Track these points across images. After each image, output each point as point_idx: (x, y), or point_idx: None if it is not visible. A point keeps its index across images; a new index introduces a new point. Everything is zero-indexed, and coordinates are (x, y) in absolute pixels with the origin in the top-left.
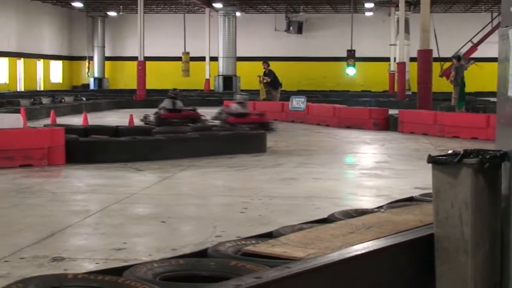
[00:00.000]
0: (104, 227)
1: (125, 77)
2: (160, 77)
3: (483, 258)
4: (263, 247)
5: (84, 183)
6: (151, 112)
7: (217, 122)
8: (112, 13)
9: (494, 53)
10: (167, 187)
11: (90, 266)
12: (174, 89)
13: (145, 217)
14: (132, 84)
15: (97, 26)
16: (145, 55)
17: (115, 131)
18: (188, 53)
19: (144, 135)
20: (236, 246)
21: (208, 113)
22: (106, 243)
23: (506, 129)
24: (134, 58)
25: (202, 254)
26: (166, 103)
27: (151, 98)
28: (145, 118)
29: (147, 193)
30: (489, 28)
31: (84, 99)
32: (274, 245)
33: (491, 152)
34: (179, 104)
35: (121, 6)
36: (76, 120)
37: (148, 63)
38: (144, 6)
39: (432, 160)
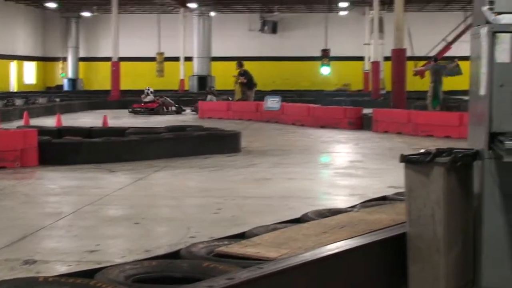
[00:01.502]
0: (77, 229)
1: (99, 78)
2: (135, 78)
3: (455, 256)
4: (236, 248)
5: (57, 185)
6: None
7: None
8: (86, 14)
9: (467, 52)
10: (141, 188)
11: (62, 269)
12: (211, 87)
13: (118, 219)
14: (107, 85)
15: (71, 26)
16: (120, 55)
17: (89, 132)
18: (162, 53)
19: (118, 136)
20: (209, 247)
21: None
22: (78, 245)
23: (478, 128)
24: (108, 59)
25: (175, 255)
26: (210, 98)
27: (126, 98)
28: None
29: (120, 194)
30: (462, 27)
31: (57, 100)
32: (247, 245)
33: (463, 150)
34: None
35: (95, 7)
36: (49, 122)
37: (122, 63)
38: (118, 7)
39: (404, 159)
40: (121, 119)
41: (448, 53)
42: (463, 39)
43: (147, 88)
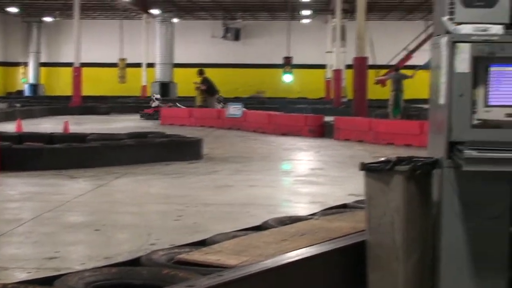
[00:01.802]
0: (37, 235)
1: (61, 83)
2: (97, 84)
3: (414, 264)
4: (196, 255)
5: (17, 191)
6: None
7: None
8: (48, 19)
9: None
10: (102, 195)
11: (21, 276)
12: (219, 96)
13: (78, 225)
14: (69, 91)
15: (33, 31)
16: (82, 61)
17: (50, 138)
18: (124, 59)
19: (80, 142)
20: (170, 254)
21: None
22: (38, 252)
23: (438, 137)
24: (70, 64)
25: (135, 262)
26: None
27: (87, 104)
28: None
29: (81, 200)
30: (423, 36)
31: (18, 105)
32: (207, 253)
33: (423, 159)
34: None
35: (57, 12)
36: (10, 127)
37: (84, 69)
38: (81, 12)
39: (364, 167)
40: (82, 125)
41: (409, 62)
42: (424, 48)
43: (153, 94)
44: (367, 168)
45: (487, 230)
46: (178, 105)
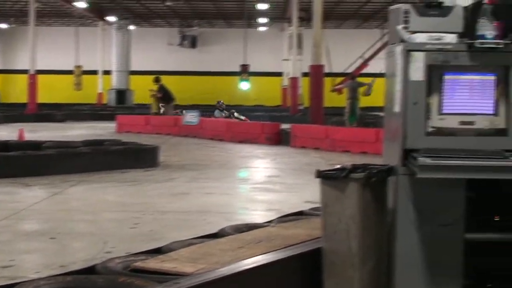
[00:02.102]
0: None
1: (16, 91)
2: (52, 91)
3: (370, 272)
4: (152, 263)
5: None
6: None
7: None
8: (3, 25)
9: (384, 69)
10: (57, 203)
11: None
12: (219, 102)
13: (33, 234)
14: (24, 98)
15: None
16: (37, 68)
17: (4, 145)
18: (80, 66)
19: (35, 150)
20: (126, 262)
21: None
22: None
23: (393, 144)
24: (26, 71)
25: (90, 270)
26: (217, 113)
27: (43, 112)
28: None
29: (36, 209)
30: (379, 44)
31: None
32: (163, 260)
33: (378, 166)
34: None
35: (12, 18)
36: None
37: (40, 76)
38: (36, 19)
39: (320, 175)
40: (37, 132)
41: (365, 70)
42: (380, 57)
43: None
44: (322, 175)
45: (442, 237)
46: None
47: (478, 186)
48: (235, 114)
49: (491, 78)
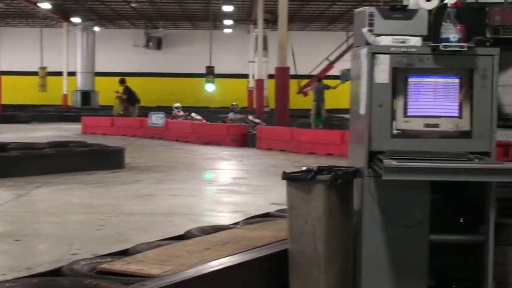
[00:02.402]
0: None
1: None
2: (17, 92)
3: (336, 273)
4: (118, 265)
5: None
6: None
7: None
8: None
9: None
10: (22, 205)
11: None
12: (233, 104)
13: None
14: None
15: None
16: (1, 69)
17: None
18: (45, 68)
19: None
20: (92, 264)
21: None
22: None
23: (358, 146)
24: None
25: (56, 272)
26: (232, 115)
27: (7, 113)
28: None
29: (1, 210)
30: (344, 46)
31: None
32: (130, 262)
33: (343, 168)
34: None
35: None
36: None
37: (4, 77)
38: (0, 20)
39: (286, 177)
40: (2, 134)
41: (330, 72)
42: (345, 59)
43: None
44: (289, 177)
45: (407, 239)
46: (196, 117)
47: (443, 188)
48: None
49: (455, 81)
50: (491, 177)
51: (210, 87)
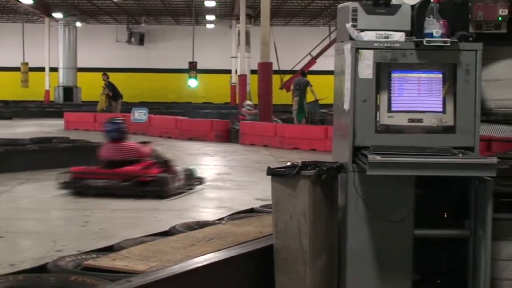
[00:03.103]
0: None
1: None
2: None
3: (321, 267)
4: (104, 261)
5: None
6: None
7: None
8: None
9: (332, 66)
10: (5, 201)
11: None
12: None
13: None
14: None
15: None
16: None
17: None
18: (27, 63)
19: None
20: (77, 260)
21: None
22: None
23: (342, 142)
24: None
25: (41, 269)
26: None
27: None
28: None
29: None
30: (327, 41)
31: None
32: (115, 258)
33: (328, 164)
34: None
35: None
36: None
37: None
38: None
39: (271, 172)
40: None
41: (313, 67)
42: (327, 54)
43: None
44: (273, 173)
45: (392, 234)
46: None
47: (427, 183)
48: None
49: (438, 76)
50: (475, 172)
51: (193, 83)
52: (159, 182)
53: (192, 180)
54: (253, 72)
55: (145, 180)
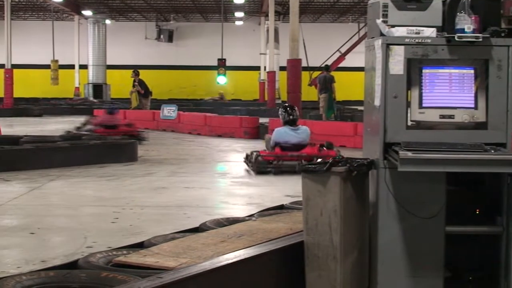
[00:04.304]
0: None
1: None
2: (29, 85)
3: (352, 264)
4: (134, 257)
5: None
6: None
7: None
8: None
9: (361, 63)
10: (36, 198)
11: None
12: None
13: (13, 229)
14: (1, 92)
15: None
16: (13, 62)
17: None
18: (57, 61)
19: (12, 145)
20: (107, 256)
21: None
22: None
23: (373, 138)
24: (1, 66)
25: (72, 265)
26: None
27: (19, 106)
28: None
29: (15, 203)
30: (356, 38)
31: None
32: (145, 255)
33: (358, 160)
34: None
35: None
36: None
37: (16, 71)
38: (11, 13)
39: (302, 168)
40: (15, 127)
41: (342, 64)
42: (356, 50)
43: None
44: (304, 169)
45: (423, 230)
46: None
47: (459, 179)
48: None
49: (470, 71)
50: (507, 168)
51: (221, 80)
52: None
53: None
54: (282, 68)
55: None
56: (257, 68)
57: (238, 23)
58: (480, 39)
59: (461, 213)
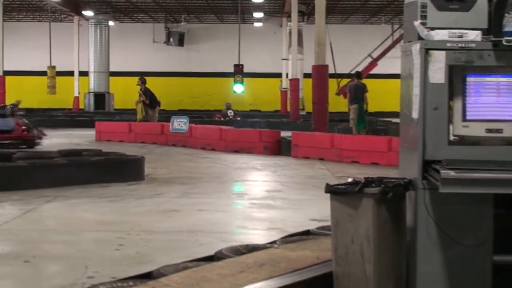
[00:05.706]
0: None
1: None
2: (22, 94)
3: None
4: None
5: None
6: None
7: None
8: None
9: (396, 69)
10: (31, 222)
11: None
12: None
13: (5, 257)
14: None
15: None
16: (5, 69)
17: None
18: (54, 67)
19: (4, 161)
20: None
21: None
22: None
23: (410, 155)
24: None
25: None
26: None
27: None
28: None
29: (7, 228)
30: (389, 41)
31: None
32: (154, 287)
33: (394, 180)
34: None
35: None
36: None
37: (8, 78)
38: (3, 13)
39: (330, 189)
40: None
41: (373, 71)
42: (390, 55)
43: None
44: (333, 190)
45: (468, 260)
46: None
47: (508, 202)
48: None
49: None
50: None
51: (238, 88)
52: None
53: None
54: (306, 76)
55: None
56: (278, 75)
57: (257, 24)
58: None
59: (511, 241)
